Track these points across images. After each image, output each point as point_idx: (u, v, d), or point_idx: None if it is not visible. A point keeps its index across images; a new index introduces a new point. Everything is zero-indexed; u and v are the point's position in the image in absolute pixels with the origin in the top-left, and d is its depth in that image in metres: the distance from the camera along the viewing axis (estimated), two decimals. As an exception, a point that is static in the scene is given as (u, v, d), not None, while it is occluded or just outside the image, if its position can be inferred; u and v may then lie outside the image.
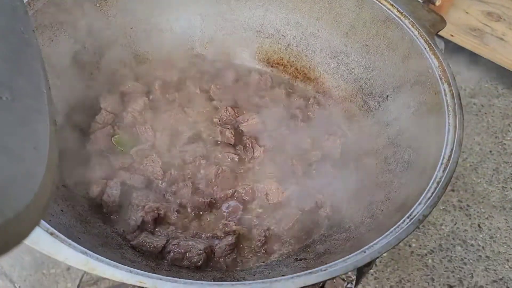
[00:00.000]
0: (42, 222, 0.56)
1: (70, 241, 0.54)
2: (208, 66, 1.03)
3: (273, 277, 0.53)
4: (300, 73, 1.04)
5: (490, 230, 1.47)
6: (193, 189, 0.82)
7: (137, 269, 0.52)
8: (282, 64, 1.05)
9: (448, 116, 0.70)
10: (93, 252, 0.53)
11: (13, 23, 0.51)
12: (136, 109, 0.91)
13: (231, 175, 0.86)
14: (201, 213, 0.81)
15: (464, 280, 1.36)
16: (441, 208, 1.52)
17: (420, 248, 1.42)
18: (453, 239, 1.45)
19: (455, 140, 0.66)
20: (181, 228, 0.79)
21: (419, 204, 0.60)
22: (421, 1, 1.60)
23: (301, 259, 0.72)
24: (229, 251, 0.75)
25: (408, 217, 0.59)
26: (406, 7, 0.87)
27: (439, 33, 1.76)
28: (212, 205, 0.82)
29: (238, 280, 0.61)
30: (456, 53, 1.99)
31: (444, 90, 0.74)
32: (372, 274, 1.36)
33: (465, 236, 1.46)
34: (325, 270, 0.53)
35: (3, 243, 0.39)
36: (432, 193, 0.61)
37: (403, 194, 0.70)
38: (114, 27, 0.94)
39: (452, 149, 0.66)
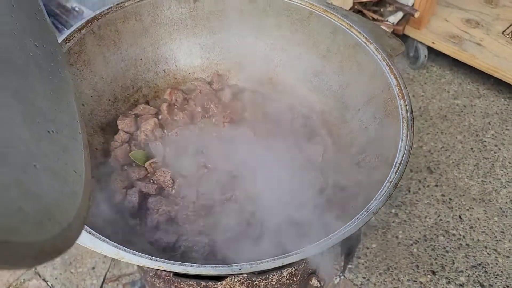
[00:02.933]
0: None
1: (103, 237, 0.71)
2: (208, 88, 1.20)
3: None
4: (287, 91, 1.21)
5: (470, 220, 1.62)
6: (197, 195, 1.00)
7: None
8: (271, 83, 1.22)
9: (402, 127, 0.86)
10: (121, 246, 0.70)
11: (54, 66, 0.66)
12: (148, 128, 1.09)
13: (229, 180, 1.03)
14: (203, 213, 0.98)
15: (446, 266, 1.52)
16: (426, 202, 1.67)
17: (406, 239, 1.58)
18: (437, 229, 1.60)
19: (406, 147, 0.82)
20: (188, 227, 0.96)
21: (375, 200, 0.76)
22: (392, 23, 1.76)
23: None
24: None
25: (365, 211, 0.75)
26: (371, 34, 1.03)
27: (424, 42, 1.92)
28: (213, 207, 0.98)
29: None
30: (440, 58, 2.15)
31: (400, 105, 0.90)
32: (362, 264, 1.52)
33: (447, 226, 1.61)
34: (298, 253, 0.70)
35: (61, 246, 0.51)
36: (385, 191, 0.77)
37: (368, 192, 0.86)
38: (126, 59, 1.12)
39: (403, 155, 0.82)
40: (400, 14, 1.90)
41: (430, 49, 2.06)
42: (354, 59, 1.06)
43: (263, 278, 0.97)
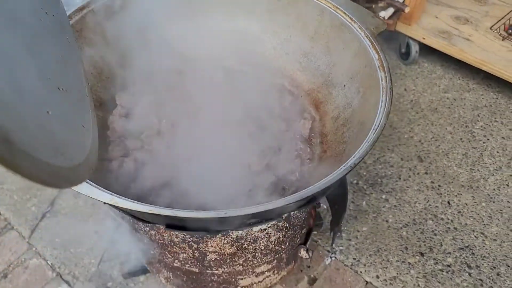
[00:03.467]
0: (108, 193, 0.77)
1: (100, 187, 0.76)
2: (203, 69, 1.26)
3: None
4: (278, 71, 1.27)
5: (458, 206, 1.67)
6: (191, 163, 1.05)
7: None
8: (263, 64, 1.28)
9: (382, 96, 0.92)
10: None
11: (63, 34, 0.75)
12: (145, 103, 1.15)
13: (221, 151, 1.08)
14: (198, 181, 1.04)
15: (434, 248, 1.56)
16: (416, 188, 1.73)
17: (396, 223, 1.63)
18: (426, 214, 1.65)
19: (385, 112, 0.88)
20: (183, 194, 1.01)
21: (353, 157, 0.82)
22: (382, 17, 1.82)
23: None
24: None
25: (344, 165, 0.81)
26: (355, 14, 1.09)
27: (415, 37, 1.99)
28: (205, 174, 1.04)
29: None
30: (431, 55, 2.22)
31: (381, 76, 0.96)
32: (353, 246, 1.57)
33: (436, 211, 1.66)
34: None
35: (72, 179, 0.61)
36: (363, 149, 0.83)
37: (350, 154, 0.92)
38: (126, 40, 1.18)
39: (381, 119, 0.87)
40: (391, 10, 1.97)
41: (422, 47, 2.12)
42: (339, 39, 1.12)
43: (252, 241, 1.02)
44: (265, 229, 1.01)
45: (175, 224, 0.85)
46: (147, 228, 1.05)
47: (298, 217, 1.07)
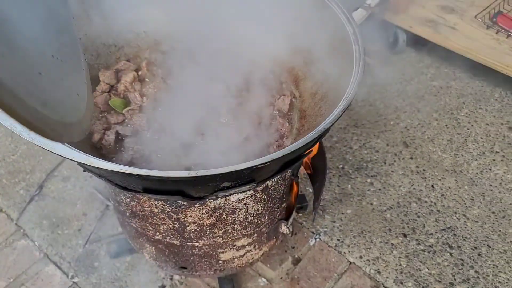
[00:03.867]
0: (62, 145, 0.80)
1: (76, 149, 0.78)
2: (185, 47, 1.28)
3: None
4: (262, 51, 1.28)
5: (441, 189, 1.70)
6: (171, 136, 1.07)
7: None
8: (248, 45, 1.29)
9: (355, 66, 0.95)
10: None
11: (56, 3, 0.77)
12: (127, 80, 1.17)
13: (201, 126, 1.11)
14: (177, 154, 1.06)
15: (417, 229, 1.59)
16: (400, 173, 1.75)
17: (380, 206, 1.65)
18: (410, 197, 1.68)
19: (356, 81, 0.91)
20: (161, 164, 1.03)
21: (324, 123, 0.84)
22: (369, 4, 1.85)
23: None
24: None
25: (315, 131, 0.83)
26: (333, -7, 1.12)
27: (402, 26, 2.01)
28: (185, 147, 1.06)
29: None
30: (419, 45, 2.25)
31: (355, 49, 0.99)
32: (337, 227, 1.60)
33: (420, 194, 1.68)
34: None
35: (66, 135, 0.69)
36: (334, 115, 0.85)
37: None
38: (109, 19, 1.21)
39: (353, 87, 0.90)
40: (377, -1, 2.00)
41: (410, 37, 2.15)
42: (319, 17, 1.14)
43: (230, 212, 1.05)
44: (242, 200, 1.03)
45: (151, 188, 0.87)
46: (128, 200, 1.07)
47: (276, 189, 1.09)
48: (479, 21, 2.03)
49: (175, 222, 1.06)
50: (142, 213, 1.07)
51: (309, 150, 0.94)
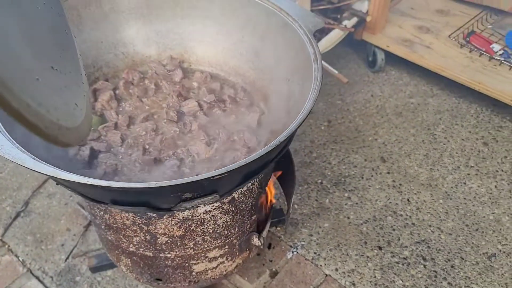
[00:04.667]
0: (29, 155, 0.85)
1: (46, 163, 0.84)
2: (162, 69, 1.35)
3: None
4: (233, 70, 1.36)
5: (417, 203, 1.74)
6: (143, 151, 1.13)
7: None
8: (219, 65, 1.37)
9: (313, 83, 1.01)
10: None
11: (60, 23, 0.83)
12: (104, 99, 1.23)
13: (172, 141, 1.16)
14: (149, 168, 1.11)
15: (392, 242, 1.62)
16: (377, 187, 1.80)
17: (357, 219, 1.70)
18: (386, 211, 1.72)
19: (312, 98, 0.97)
20: (133, 178, 1.09)
21: (277, 139, 0.90)
22: (344, 25, 1.91)
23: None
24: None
25: (269, 146, 0.88)
26: (298, 14, 1.19)
27: (379, 45, 2.09)
28: (156, 162, 1.12)
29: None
30: (398, 63, 2.32)
31: (315, 68, 1.05)
32: (314, 241, 1.63)
33: (396, 208, 1.73)
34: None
35: (63, 139, 0.72)
36: (290, 130, 0.91)
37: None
38: (88, 41, 1.28)
39: (310, 104, 0.96)
40: (355, 20, 2.08)
41: (388, 55, 2.22)
42: (284, 37, 1.21)
43: (199, 223, 1.09)
44: (210, 211, 1.08)
45: (118, 200, 0.92)
46: (102, 212, 1.12)
47: (244, 201, 1.14)
48: (453, 41, 2.10)
49: (146, 234, 1.10)
50: (115, 225, 1.12)
51: (270, 163, 1.00)
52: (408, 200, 1.77)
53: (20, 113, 0.61)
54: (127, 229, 1.11)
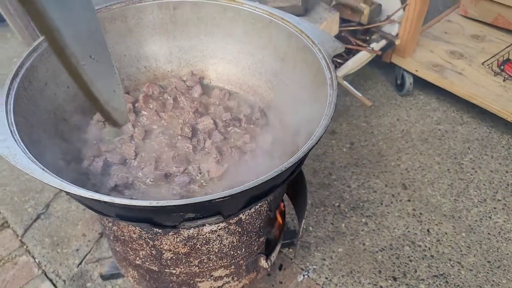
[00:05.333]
0: (39, 165, 0.87)
1: (52, 173, 0.86)
2: (182, 84, 1.37)
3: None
4: (251, 89, 1.36)
5: (438, 234, 1.68)
6: (155, 166, 1.14)
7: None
8: (239, 83, 1.38)
9: (327, 109, 0.99)
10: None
11: (94, 25, 0.88)
12: (123, 111, 1.26)
13: (185, 158, 1.17)
14: (159, 183, 1.12)
15: (408, 273, 1.57)
16: (396, 214, 1.75)
17: (372, 247, 1.65)
18: (403, 240, 1.67)
19: (324, 124, 0.95)
20: (142, 193, 1.10)
21: (288, 162, 0.89)
22: (372, 48, 1.89)
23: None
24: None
25: (280, 168, 0.87)
26: (318, 38, 1.18)
27: (408, 69, 2.05)
28: (167, 177, 1.12)
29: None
30: (427, 88, 2.27)
31: (330, 93, 1.03)
32: (327, 266, 1.60)
33: (414, 238, 1.67)
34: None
35: (121, 119, 0.80)
36: (302, 152, 0.89)
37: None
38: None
39: (321, 130, 0.94)
40: (383, 42, 2.05)
41: (418, 80, 2.17)
42: (303, 60, 1.21)
43: (204, 242, 1.09)
44: (216, 231, 1.07)
45: (122, 215, 0.92)
46: (110, 224, 1.13)
47: (251, 223, 1.13)
48: (486, 68, 2.03)
49: (152, 249, 1.11)
50: (123, 237, 1.13)
51: (276, 188, 0.98)
52: (428, 230, 1.70)
53: (85, 83, 0.68)
54: (133, 242, 1.12)
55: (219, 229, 1.07)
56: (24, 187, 1.86)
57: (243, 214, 1.08)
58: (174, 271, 1.18)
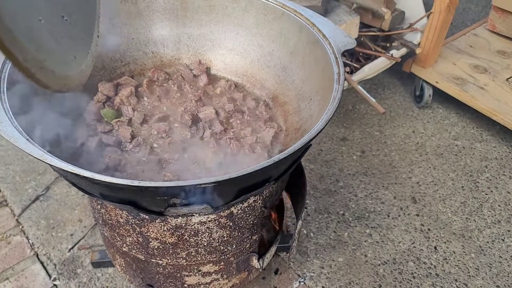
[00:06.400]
0: (23, 136, 0.84)
1: (35, 143, 0.83)
2: (188, 73, 1.33)
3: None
4: (258, 83, 1.31)
5: (445, 252, 1.60)
6: (150, 151, 1.10)
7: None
8: (246, 75, 1.33)
9: (330, 104, 0.94)
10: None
11: None
12: (124, 94, 1.23)
13: (181, 145, 1.13)
14: (152, 168, 1.08)
15: (409, 290, 1.49)
16: (403, 228, 1.67)
17: (374, 259, 1.58)
18: (408, 255, 1.59)
19: (325, 118, 0.90)
20: (133, 175, 1.06)
21: (275, 158, 0.84)
22: (391, 54, 1.83)
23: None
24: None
25: (266, 162, 0.82)
26: (330, 32, 1.13)
27: (428, 80, 1.97)
28: (161, 163, 1.08)
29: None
30: (447, 102, 2.19)
31: (335, 88, 0.98)
32: (325, 274, 1.53)
33: (420, 254, 1.59)
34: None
35: (58, 84, 0.73)
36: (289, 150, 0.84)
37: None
38: (119, 36, 1.28)
39: (321, 125, 0.89)
40: (404, 50, 1.98)
41: (438, 92, 2.09)
42: (313, 55, 1.16)
43: (193, 233, 1.04)
44: (205, 222, 1.03)
45: (105, 194, 0.89)
46: (98, 206, 1.10)
47: (244, 218, 1.08)
48: (510, 84, 1.94)
49: (138, 236, 1.07)
50: (110, 222, 1.09)
51: (271, 181, 0.93)
52: (435, 248, 1.62)
53: (6, 42, 0.59)
54: (121, 228, 1.08)
55: (208, 221, 1.02)
56: (27, 168, 1.85)
57: (234, 208, 1.03)
58: (160, 262, 1.13)
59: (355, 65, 1.94)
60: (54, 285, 1.50)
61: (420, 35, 1.99)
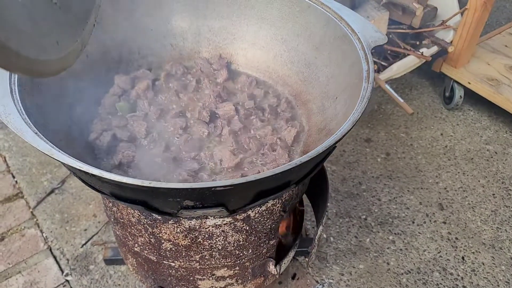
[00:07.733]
0: (32, 128, 0.80)
1: (43, 137, 0.78)
2: (208, 67, 1.28)
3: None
4: (281, 79, 1.25)
5: (473, 263, 1.51)
6: (165, 148, 1.05)
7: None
8: (268, 71, 1.27)
9: (359, 104, 0.87)
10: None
11: None
12: (141, 88, 1.18)
13: (198, 143, 1.07)
14: (166, 166, 1.03)
15: (434, 303, 1.41)
16: (428, 236, 1.59)
17: (397, 267, 1.50)
18: (433, 265, 1.51)
19: (352, 119, 0.83)
20: (147, 174, 1.01)
21: (296, 160, 0.77)
22: (421, 53, 1.74)
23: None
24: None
25: (287, 165, 0.76)
26: (359, 26, 1.06)
27: (459, 80, 1.88)
28: (176, 161, 1.03)
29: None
30: (479, 104, 2.08)
31: (364, 87, 0.91)
32: (344, 281, 1.46)
33: (446, 265, 1.51)
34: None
35: (27, 70, 0.67)
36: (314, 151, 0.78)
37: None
38: (138, 27, 1.24)
39: (348, 126, 0.82)
40: (435, 49, 1.88)
41: (469, 93, 1.99)
42: (340, 50, 1.09)
43: (207, 236, 0.99)
44: (220, 226, 0.97)
45: (116, 194, 0.84)
46: (110, 204, 1.05)
47: (261, 222, 1.02)
48: (548, 87, 1.83)
49: (151, 236, 1.02)
50: (122, 220, 1.05)
51: (291, 185, 0.87)
52: (463, 258, 1.53)
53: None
54: (132, 227, 1.04)
55: (223, 224, 0.97)
56: (44, 160, 1.83)
57: (252, 211, 0.97)
58: (173, 264, 1.08)
59: (382, 63, 1.86)
60: (66, 280, 1.47)
61: (452, 33, 1.88)
